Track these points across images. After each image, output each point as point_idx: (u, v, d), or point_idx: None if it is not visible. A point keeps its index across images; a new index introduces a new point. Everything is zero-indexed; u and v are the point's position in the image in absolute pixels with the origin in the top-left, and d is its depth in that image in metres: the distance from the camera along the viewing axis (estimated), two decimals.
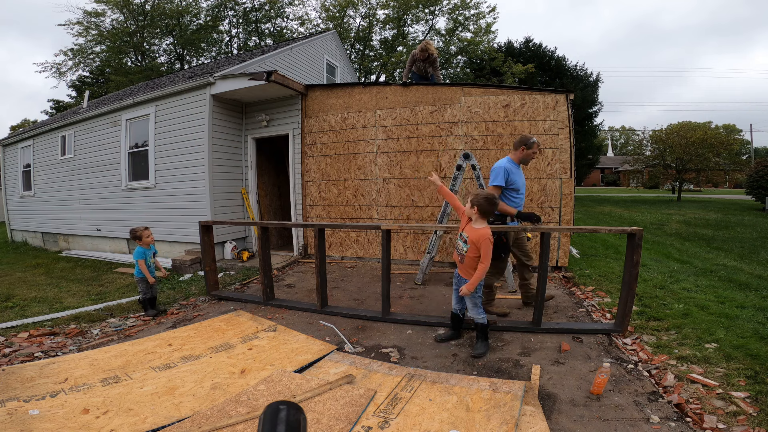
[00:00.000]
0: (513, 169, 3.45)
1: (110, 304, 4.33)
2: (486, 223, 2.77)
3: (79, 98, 18.05)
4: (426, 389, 2.31)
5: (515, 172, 3.48)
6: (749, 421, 1.95)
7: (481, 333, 2.90)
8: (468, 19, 19.68)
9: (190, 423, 2.00)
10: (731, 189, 31.47)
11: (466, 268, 2.80)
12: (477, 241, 2.68)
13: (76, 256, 7.71)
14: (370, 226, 4.74)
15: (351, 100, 6.20)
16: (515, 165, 3.53)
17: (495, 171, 3.41)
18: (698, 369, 2.50)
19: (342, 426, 1.94)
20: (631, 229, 3.02)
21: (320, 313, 3.81)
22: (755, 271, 5.05)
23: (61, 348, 3.14)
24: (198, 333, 3.34)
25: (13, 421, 2.01)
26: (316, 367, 2.68)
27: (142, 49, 19.62)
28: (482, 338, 2.91)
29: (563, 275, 5.11)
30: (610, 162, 45.68)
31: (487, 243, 2.64)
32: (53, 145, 8.61)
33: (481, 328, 2.89)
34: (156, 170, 6.73)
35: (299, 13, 27.18)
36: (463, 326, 3.20)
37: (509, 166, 3.44)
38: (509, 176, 3.40)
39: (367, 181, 6.15)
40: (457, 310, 3.07)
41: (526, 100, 5.35)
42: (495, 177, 3.38)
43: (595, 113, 20.44)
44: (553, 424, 2.00)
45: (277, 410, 0.68)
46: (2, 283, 5.69)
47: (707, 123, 32.55)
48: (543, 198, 5.31)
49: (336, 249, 6.46)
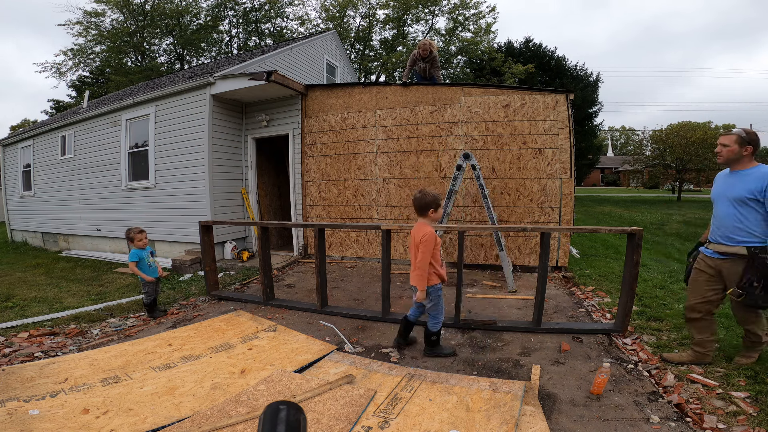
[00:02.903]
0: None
1: (110, 304, 4.33)
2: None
3: (79, 98, 18.04)
4: (426, 389, 2.31)
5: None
6: (749, 421, 1.95)
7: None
8: (468, 19, 19.70)
9: (190, 423, 1.99)
10: None
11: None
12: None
13: (76, 256, 7.71)
14: (370, 226, 4.75)
15: (351, 100, 6.20)
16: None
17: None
18: (698, 369, 2.50)
19: (342, 426, 1.94)
20: (631, 229, 3.02)
21: (320, 313, 3.81)
22: None
23: (61, 348, 3.14)
24: (198, 333, 3.34)
25: (13, 421, 2.01)
26: (316, 367, 2.68)
27: (142, 49, 19.63)
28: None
29: (563, 275, 5.11)
30: (610, 162, 45.70)
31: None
32: (53, 145, 8.61)
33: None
34: (156, 170, 6.73)
35: (299, 13, 27.14)
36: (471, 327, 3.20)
37: None
38: None
39: (367, 181, 6.15)
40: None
41: (526, 100, 5.35)
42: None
43: (595, 113, 20.47)
44: (553, 424, 2.00)
45: (277, 410, 0.67)
46: (2, 283, 5.69)
47: (707, 123, 32.54)
48: (543, 198, 5.31)
49: (336, 249, 6.46)
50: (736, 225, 2.39)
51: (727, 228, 2.44)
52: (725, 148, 2.43)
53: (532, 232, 4.02)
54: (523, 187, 5.39)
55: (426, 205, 2.68)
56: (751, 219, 2.33)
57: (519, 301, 4.10)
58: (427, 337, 2.86)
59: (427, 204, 2.68)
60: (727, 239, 2.44)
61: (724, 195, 2.47)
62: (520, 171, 5.39)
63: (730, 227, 2.42)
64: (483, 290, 4.56)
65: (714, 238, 2.53)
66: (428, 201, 2.67)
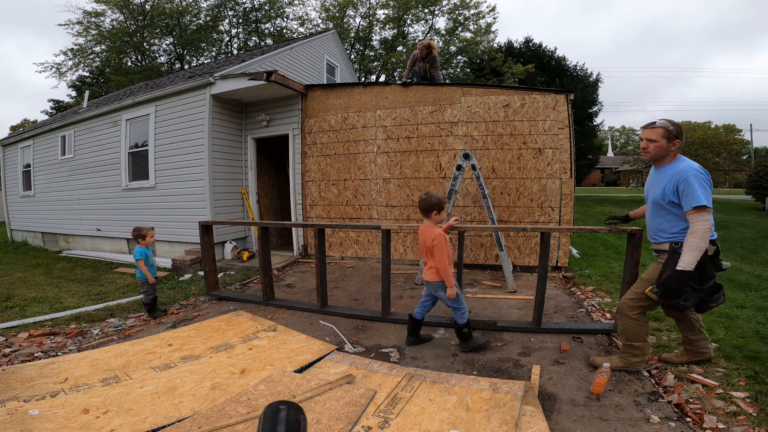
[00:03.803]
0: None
1: (110, 304, 4.33)
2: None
3: (79, 98, 18.04)
4: (426, 389, 2.31)
5: None
6: (749, 421, 1.95)
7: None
8: (468, 19, 19.69)
9: (190, 423, 1.99)
10: (731, 189, 31.46)
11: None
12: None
13: (76, 256, 7.71)
14: (370, 226, 4.74)
15: (351, 100, 6.20)
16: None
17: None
18: (698, 369, 2.50)
19: (342, 426, 1.94)
20: (631, 229, 3.02)
21: (320, 313, 3.81)
22: (755, 271, 5.05)
23: (61, 348, 3.14)
24: (198, 333, 3.34)
25: (13, 421, 2.01)
26: (316, 367, 2.68)
27: (142, 49, 19.62)
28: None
29: (563, 275, 5.11)
30: (610, 162, 45.67)
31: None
32: (53, 145, 8.61)
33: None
34: (156, 170, 6.73)
35: (299, 13, 27.17)
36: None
37: None
38: None
39: (367, 181, 6.14)
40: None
41: (526, 100, 5.34)
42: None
43: (595, 113, 20.43)
44: (553, 424, 2.00)
45: (277, 410, 0.68)
46: (2, 283, 5.69)
47: (707, 123, 32.55)
48: (543, 198, 5.31)
49: (336, 249, 6.46)
50: (658, 227, 2.36)
51: (652, 229, 2.43)
52: (652, 144, 2.27)
53: (532, 232, 4.02)
54: (523, 187, 5.38)
55: (430, 207, 2.74)
56: (670, 219, 2.28)
57: (519, 301, 4.10)
58: (458, 332, 2.92)
59: (431, 206, 2.74)
60: (652, 238, 2.44)
61: (648, 194, 2.43)
62: (520, 171, 5.39)
63: (654, 229, 2.40)
64: (483, 290, 4.56)
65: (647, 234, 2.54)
66: (433, 203, 2.74)
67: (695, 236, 2.09)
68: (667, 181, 2.22)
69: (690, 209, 2.11)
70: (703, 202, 2.07)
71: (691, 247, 2.10)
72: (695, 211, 2.10)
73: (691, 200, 2.10)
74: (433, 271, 2.78)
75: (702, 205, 2.07)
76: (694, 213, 2.11)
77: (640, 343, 2.43)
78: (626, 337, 2.45)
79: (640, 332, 2.41)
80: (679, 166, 2.21)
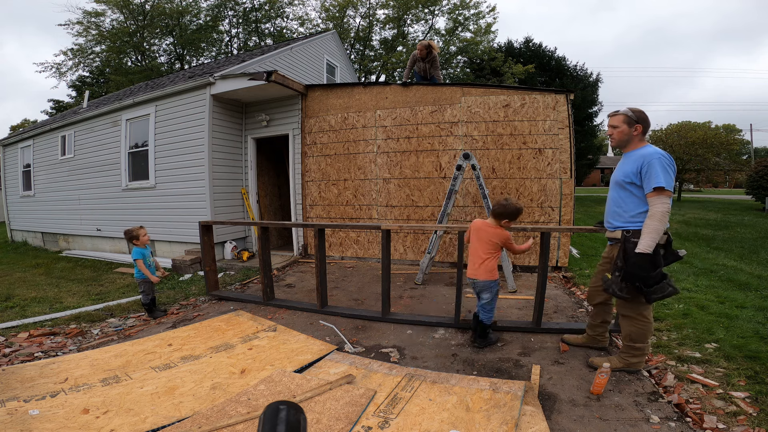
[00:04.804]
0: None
1: (110, 304, 4.33)
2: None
3: (79, 98, 18.05)
4: (426, 389, 2.31)
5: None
6: (749, 421, 1.95)
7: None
8: (468, 19, 19.69)
9: (190, 423, 1.99)
10: (731, 189, 31.47)
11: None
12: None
13: (76, 256, 7.71)
14: (370, 226, 4.74)
15: (351, 100, 6.20)
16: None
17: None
18: (698, 369, 2.50)
19: (342, 426, 1.94)
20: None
21: (320, 313, 3.81)
22: (755, 271, 5.05)
23: (61, 348, 3.14)
24: (198, 333, 3.34)
25: (13, 421, 2.01)
26: (316, 367, 2.68)
27: (142, 49, 19.62)
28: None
29: (563, 275, 5.11)
30: (610, 162, 45.62)
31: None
32: (53, 145, 8.61)
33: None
34: (156, 170, 6.73)
35: (299, 13, 27.12)
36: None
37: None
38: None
39: (367, 181, 6.14)
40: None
41: (526, 100, 5.34)
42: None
43: (595, 113, 20.44)
44: (553, 424, 2.00)
45: (277, 410, 0.67)
46: (2, 283, 5.69)
47: (707, 123, 32.49)
48: (543, 198, 5.31)
49: (336, 249, 6.46)
50: (615, 209, 2.39)
51: (608, 213, 2.46)
52: (615, 130, 2.37)
53: (532, 232, 4.02)
54: (523, 187, 5.38)
55: (505, 214, 2.77)
56: (628, 202, 2.30)
57: (519, 301, 4.10)
58: (483, 330, 2.96)
59: (508, 213, 2.77)
60: (608, 224, 2.46)
61: (612, 178, 2.46)
62: (520, 171, 5.39)
63: (610, 212, 2.43)
64: None
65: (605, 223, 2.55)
66: (510, 211, 2.76)
67: (654, 219, 2.14)
68: (632, 163, 2.27)
69: (650, 191, 2.16)
70: (662, 184, 2.11)
71: (650, 229, 2.14)
72: (656, 193, 2.15)
73: (652, 182, 2.14)
74: (485, 269, 2.79)
75: (661, 186, 2.12)
76: (655, 195, 2.15)
77: (642, 344, 2.43)
78: (630, 339, 2.45)
79: (645, 333, 2.42)
80: (644, 151, 2.26)
